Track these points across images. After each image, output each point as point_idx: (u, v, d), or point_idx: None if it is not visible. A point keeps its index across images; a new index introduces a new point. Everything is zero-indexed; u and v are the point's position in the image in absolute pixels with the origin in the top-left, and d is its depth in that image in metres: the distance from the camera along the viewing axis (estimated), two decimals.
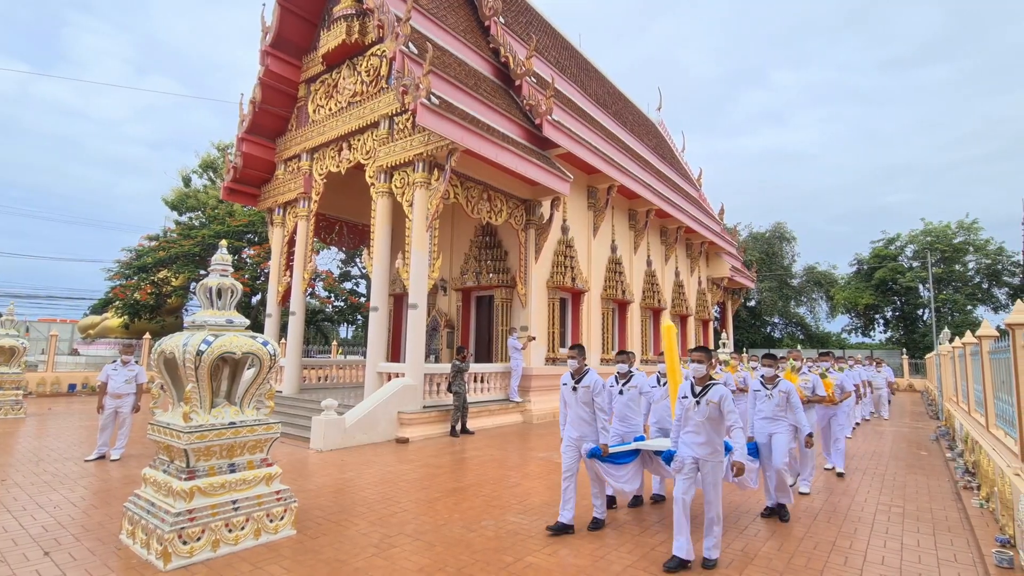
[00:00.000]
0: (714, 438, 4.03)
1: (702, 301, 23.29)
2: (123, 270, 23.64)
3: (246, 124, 13.36)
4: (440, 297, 14.63)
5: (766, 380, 5.45)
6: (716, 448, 4.02)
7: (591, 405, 4.73)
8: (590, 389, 4.71)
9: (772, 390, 5.35)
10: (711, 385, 4.08)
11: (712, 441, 4.02)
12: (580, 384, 4.74)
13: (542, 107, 12.32)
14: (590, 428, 4.76)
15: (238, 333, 4.53)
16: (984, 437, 6.32)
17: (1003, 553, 3.95)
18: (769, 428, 5.28)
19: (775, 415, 5.28)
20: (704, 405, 4.00)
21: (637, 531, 4.75)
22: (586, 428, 4.75)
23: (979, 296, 31.34)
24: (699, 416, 4.01)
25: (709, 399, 4.00)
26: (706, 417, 3.99)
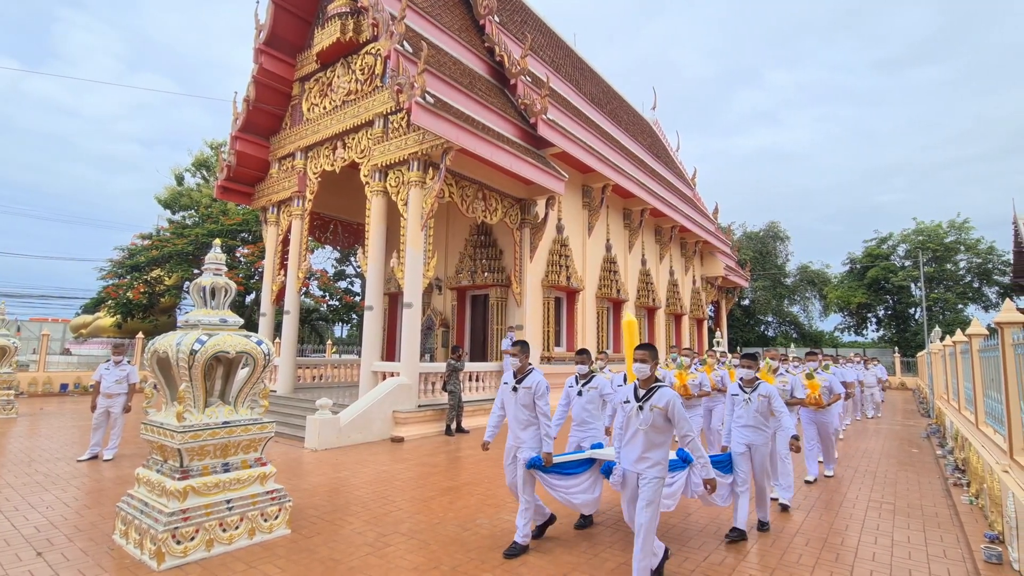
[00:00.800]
0: (655, 450, 3.48)
1: (696, 300, 23.39)
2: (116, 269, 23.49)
3: (240, 122, 13.29)
4: (435, 296, 14.62)
5: (744, 383, 4.82)
6: (656, 462, 3.46)
7: (532, 408, 4.24)
8: (531, 390, 4.23)
9: (751, 394, 4.73)
10: (656, 388, 3.55)
11: (652, 454, 3.47)
12: (521, 385, 4.27)
13: (537, 106, 12.33)
14: (528, 434, 4.24)
15: (232, 332, 4.52)
16: (974, 434, 6.39)
17: (992, 549, 4.00)
18: (748, 437, 4.68)
19: (756, 423, 4.68)
20: (647, 411, 3.47)
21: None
22: (523, 434, 4.25)
23: (970, 295, 31.64)
24: (641, 424, 3.49)
25: (653, 404, 3.46)
26: (649, 425, 3.46)
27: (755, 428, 4.68)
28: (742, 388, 4.82)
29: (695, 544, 4.41)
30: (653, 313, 19.10)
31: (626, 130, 19.87)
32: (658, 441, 3.49)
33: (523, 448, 4.24)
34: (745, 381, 4.83)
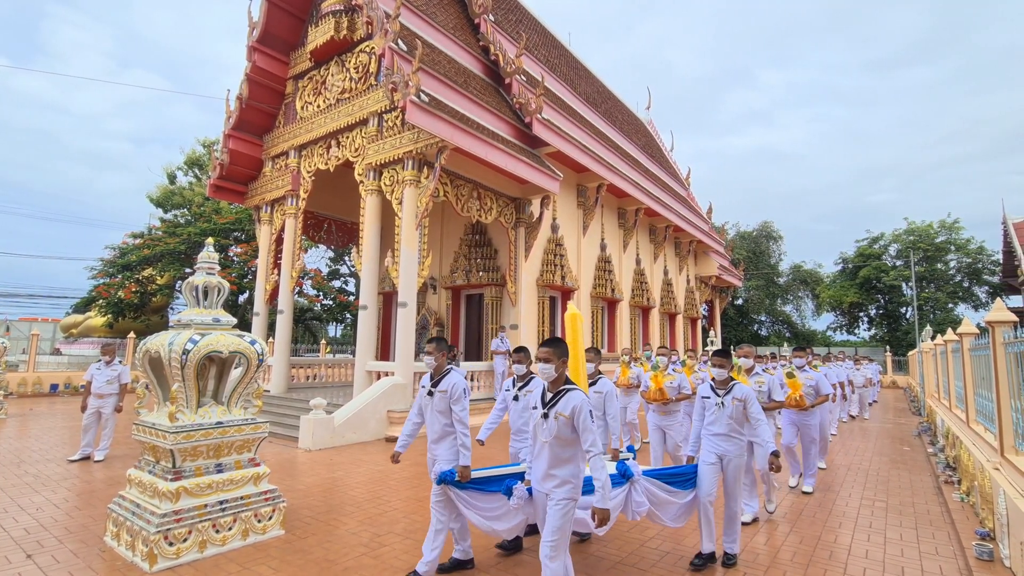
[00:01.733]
0: (563, 467, 2.96)
1: (690, 300, 23.48)
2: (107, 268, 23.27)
3: (232, 120, 13.20)
4: (430, 295, 14.58)
5: (718, 384, 4.20)
6: (564, 480, 2.94)
7: (448, 415, 3.78)
8: (447, 395, 3.75)
9: (724, 397, 4.11)
10: (564, 393, 3.01)
11: (559, 470, 2.95)
12: (437, 388, 3.80)
13: (532, 105, 12.32)
14: (443, 447, 3.77)
15: (225, 332, 4.48)
16: (965, 432, 6.45)
17: (983, 546, 4.04)
18: (720, 447, 4.06)
19: (729, 430, 4.06)
20: (551, 420, 2.96)
21: (626, 527, 4.77)
22: (438, 448, 3.80)
23: (960, 294, 31.96)
24: (545, 434, 2.99)
25: (559, 411, 2.95)
26: (554, 436, 2.95)
27: (728, 436, 4.06)
28: (714, 390, 4.20)
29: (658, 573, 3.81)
30: (648, 312, 19.15)
31: (621, 130, 19.90)
32: (565, 456, 2.96)
33: (438, 462, 3.76)
34: (718, 382, 4.21)
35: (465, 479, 3.60)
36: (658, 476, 3.86)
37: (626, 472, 3.65)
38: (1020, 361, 4.15)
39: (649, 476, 3.79)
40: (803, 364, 6.43)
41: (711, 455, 4.06)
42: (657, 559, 4.07)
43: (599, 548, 4.27)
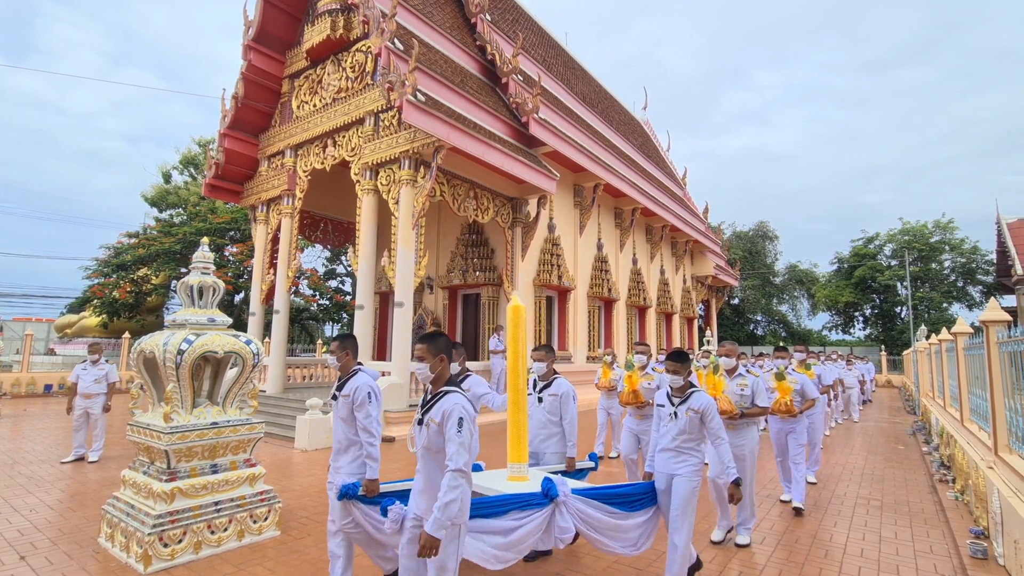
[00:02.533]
0: (435, 483, 2.49)
1: (687, 299, 23.53)
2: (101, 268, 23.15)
3: (228, 120, 13.14)
4: (426, 295, 14.57)
5: (674, 392, 3.57)
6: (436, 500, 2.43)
7: (352, 423, 3.31)
8: (349, 399, 3.30)
9: (678, 407, 3.48)
10: (441, 396, 2.55)
11: (431, 488, 2.52)
12: (340, 392, 3.37)
13: (529, 105, 12.32)
14: (346, 459, 3.32)
15: (220, 332, 4.46)
16: (959, 431, 6.48)
17: (977, 544, 4.06)
18: (669, 466, 3.43)
19: (679, 446, 3.42)
20: (425, 428, 2.54)
21: None
22: (341, 460, 3.33)
23: (954, 294, 32.15)
24: (418, 446, 2.60)
25: (431, 419, 2.51)
26: (424, 447, 2.55)
27: (677, 453, 3.41)
28: (670, 398, 3.56)
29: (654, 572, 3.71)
30: (644, 312, 19.18)
31: (617, 130, 19.92)
32: (437, 471, 2.50)
33: (339, 475, 3.27)
34: (675, 389, 3.54)
35: (372, 494, 3.14)
36: (602, 496, 3.21)
37: (549, 491, 3.02)
38: (1014, 360, 4.17)
39: (590, 495, 3.16)
40: (787, 364, 5.79)
41: (661, 477, 3.43)
42: (654, 559, 4.07)
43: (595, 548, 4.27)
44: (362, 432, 3.27)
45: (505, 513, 2.88)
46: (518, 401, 3.76)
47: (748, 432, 4.49)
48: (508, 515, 2.89)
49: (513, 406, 3.77)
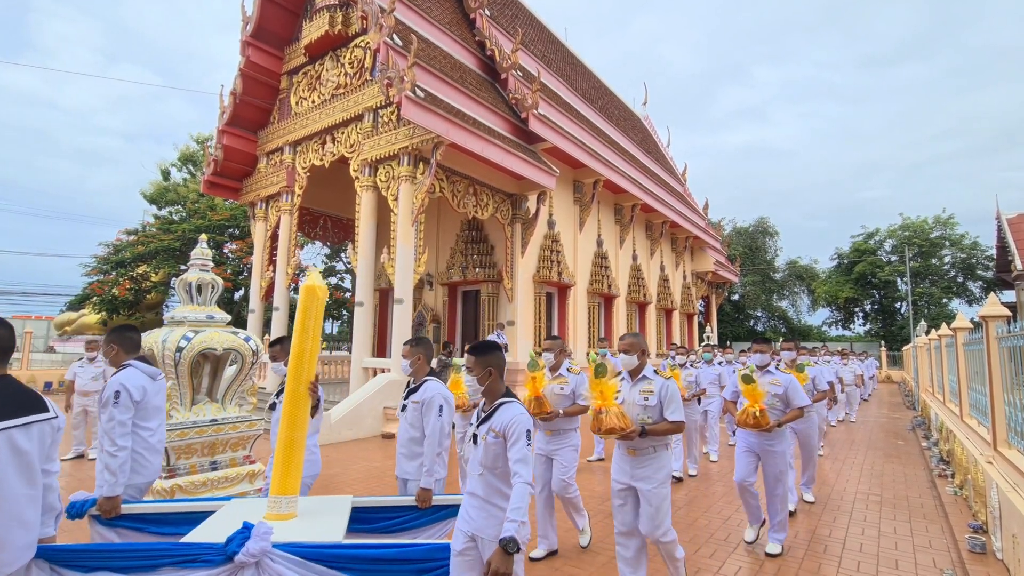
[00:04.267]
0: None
1: (687, 295, 23.52)
2: (101, 265, 23.11)
3: (227, 116, 13.11)
4: (426, 292, 14.56)
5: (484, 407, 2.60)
6: None
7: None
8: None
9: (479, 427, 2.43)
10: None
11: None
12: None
13: (528, 101, 12.28)
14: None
15: (219, 329, 4.46)
16: (958, 426, 6.49)
17: (976, 538, 4.07)
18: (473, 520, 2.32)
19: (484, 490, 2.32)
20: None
21: None
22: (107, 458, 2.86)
23: (954, 289, 32.14)
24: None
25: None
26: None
27: (483, 503, 2.28)
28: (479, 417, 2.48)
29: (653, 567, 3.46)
30: (644, 308, 19.17)
31: (617, 126, 19.87)
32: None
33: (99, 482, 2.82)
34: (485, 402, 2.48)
35: (109, 514, 2.66)
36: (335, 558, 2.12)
37: (230, 544, 2.04)
38: (1013, 356, 4.17)
39: (315, 555, 2.11)
40: (767, 363, 4.44)
41: (461, 535, 2.30)
42: (653, 554, 4.07)
43: (595, 544, 4.27)
44: (103, 437, 2.92)
45: (154, 570, 2.08)
46: (294, 412, 2.77)
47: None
48: (159, 572, 2.07)
49: (286, 419, 2.77)
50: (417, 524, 2.87)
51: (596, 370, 3.07)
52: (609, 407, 2.99)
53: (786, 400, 4.23)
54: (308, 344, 2.84)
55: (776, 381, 4.29)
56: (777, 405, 4.23)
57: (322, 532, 2.39)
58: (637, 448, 3.07)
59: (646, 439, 3.04)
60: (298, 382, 2.79)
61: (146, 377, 3.08)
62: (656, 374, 3.23)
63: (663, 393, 3.11)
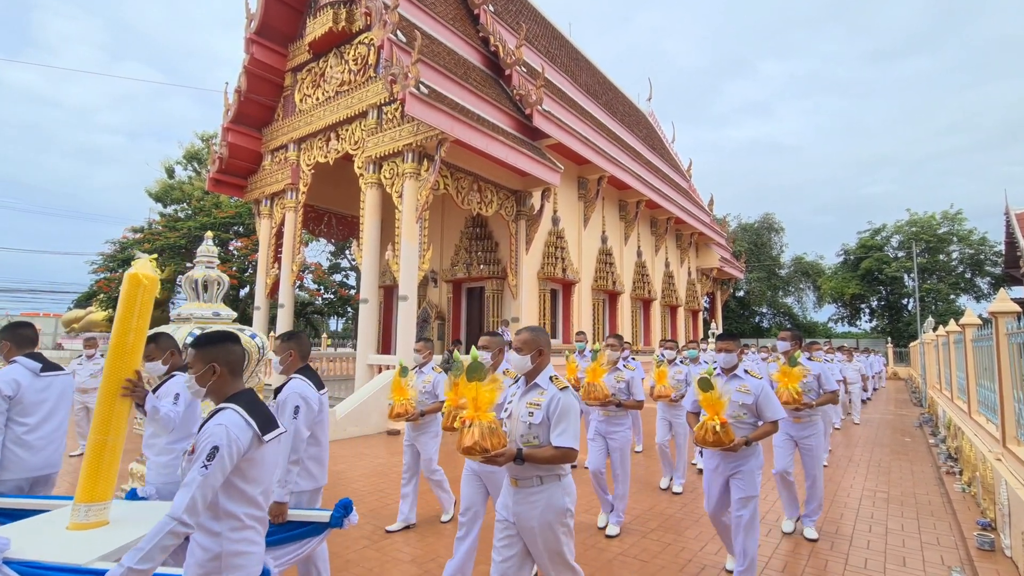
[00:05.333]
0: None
1: (692, 292, 23.44)
2: (107, 263, 23.28)
3: (231, 114, 13.13)
4: (430, 289, 14.57)
5: None
6: None
7: None
8: None
9: None
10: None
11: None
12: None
13: (532, 97, 12.24)
14: None
15: (225, 326, 4.47)
16: (966, 423, 6.45)
17: (984, 536, 4.04)
18: None
19: None
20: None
21: (641, 531, 4.78)
22: None
23: (962, 285, 31.90)
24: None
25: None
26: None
27: None
28: None
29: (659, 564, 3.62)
30: (649, 305, 19.13)
31: (621, 121, 19.79)
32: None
33: None
34: None
35: None
36: None
37: None
38: (1023, 352, 4.13)
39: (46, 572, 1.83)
40: (734, 365, 3.53)
41: None
42: (659, 551, 4.07)
43: (599, 540, 4.28)
44: None
45: None
46: (107, 414, 2.51)
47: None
48: None
49: (98, 420, 2.52)
50: (272, 541, 2.44)
51: (469, 369, 2.38)
52: (481, 419, 2.24)
53: (757, 411, 3.38)
54: (130, 339, 2.52)
55: (745, 387, 3.42)
56: (746, 417, 3.39)
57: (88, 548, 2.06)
58: (518, 477, 2.36)
59: (526, 466, 2.31)
60: (113, 381, 2.50)
61: (27, 373, 3.01)
62: (551, 382, 2.44)
63: (551, 407, 2.34)
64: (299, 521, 2.56)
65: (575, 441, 2.30)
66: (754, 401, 3.38)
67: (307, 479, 2.93)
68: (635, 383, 4.61)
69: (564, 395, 2.36)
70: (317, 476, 2.99)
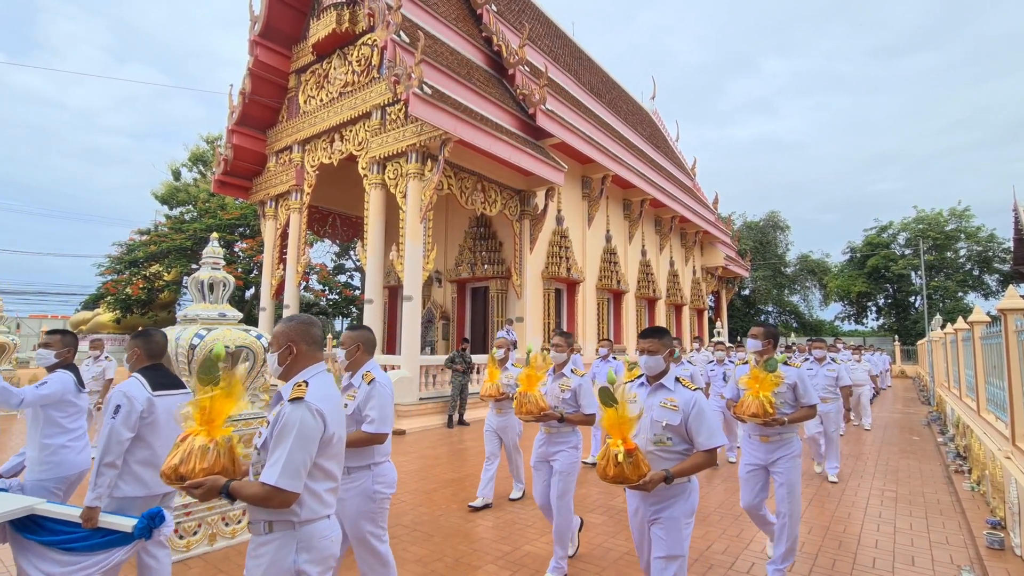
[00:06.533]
0: None
1: (697, 290, 23.37)
2: (114, 265, 23.45)
3: (236, 116, 13.20)
4: (435, 289, 14.59)
5: None
6: None
7: None
8: None
9: None
10: None
11: None
12: None
13: (535, 96, 12.23)
14: None
15: (231, 327, 4.49)
16: (975, 422, 6.39)
17: (994, 535, 4.00)
18: None
19: None
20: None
21: None
22: None
23: (970, 283, 31.66)
24: None
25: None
26: None
27: None
28: None
29: None
30: (654, 304, 19.08)
31: (625, 120, 19.74)
32: None
33: None
34: None
35: None
36: None
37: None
38: None
39: None
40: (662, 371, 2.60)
41: None
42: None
43: (606, 539, 4.27)
44: None
45: None
46: None
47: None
48: None
49: None
50: (82, 547, 2.39)
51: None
52: None
53: (687, 434, 2.43)
54: None
55: (671, 402, 2.46)
56: (671, 444, 2.45)
57: None
58: None
59: None
60: None
61: None
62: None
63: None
64: (108, 529, 2.44)
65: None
66: (682, 421, 2.42)
67: (135, 485, 2.74)
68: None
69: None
70: (149, 482, 2.75)
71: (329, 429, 1.78)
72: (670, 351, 2.61)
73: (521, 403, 3.66)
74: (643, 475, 2.28)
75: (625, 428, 2.31)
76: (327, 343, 14.01)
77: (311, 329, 1.98)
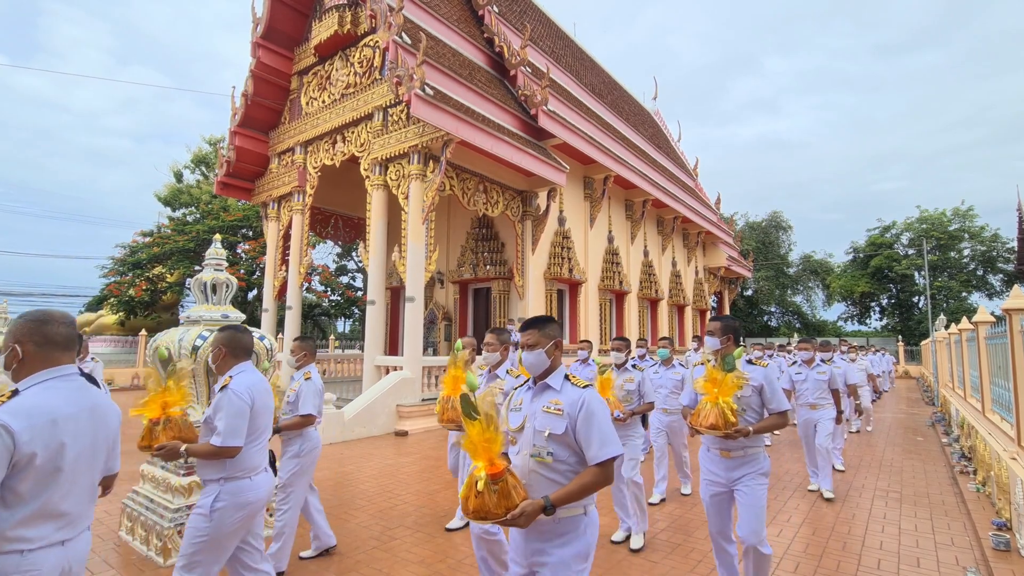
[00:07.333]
0: None
1: (699, 291, 23.33)
2: (118, 266, 23.53)
3: (238, 117, 13.23)
4: (437, 290, 14.60)
5: None
6: None
7: None
8: None
9: None
10: None
11: None
12: None
13: (537, 97, 12.23)
14: None
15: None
16: (980, 422, 6.36)
17: (1000, 536, 3.98)
18: None
19: None
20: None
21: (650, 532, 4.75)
22: None
23: (974, 283, 31.54)
24: None
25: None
26: None
27: None
28: None
29: (671, 564, 4.09)
30: (656, 304, 19.05)
31: (627, 120, 19.73)
32: None
33: None
34: None
35: None
36: None
37: None
38: None
39: None
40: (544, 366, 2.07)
41: None
42: (669, 551, 4.04)
43: (609, 542, 4.26)
44: None
45: None
46: None
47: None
48: None
49: None
50: None
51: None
52: None
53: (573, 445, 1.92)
54: None
55: (555, 406, 1.97)
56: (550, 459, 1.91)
57: None
58: None
59: None
60: None
61: None
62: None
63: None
64: None
65: None
66: (568, 428, 1.91)
67: None
68: (645, 383, 4.45)
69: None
70: None
71: (22, 449, 1.52)
72: (555, 343, 2.07)
73: (444, 409, 3.22)
74: (512, 507, 1.75)
75: (491, 446, 1.80)
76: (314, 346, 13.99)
77: (44, 327, 1.76)
